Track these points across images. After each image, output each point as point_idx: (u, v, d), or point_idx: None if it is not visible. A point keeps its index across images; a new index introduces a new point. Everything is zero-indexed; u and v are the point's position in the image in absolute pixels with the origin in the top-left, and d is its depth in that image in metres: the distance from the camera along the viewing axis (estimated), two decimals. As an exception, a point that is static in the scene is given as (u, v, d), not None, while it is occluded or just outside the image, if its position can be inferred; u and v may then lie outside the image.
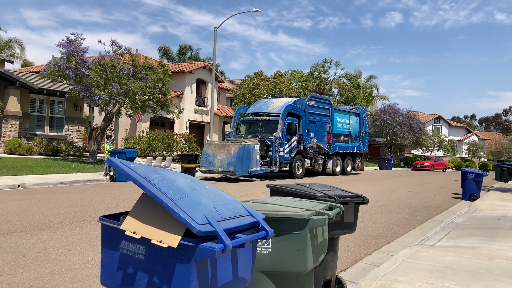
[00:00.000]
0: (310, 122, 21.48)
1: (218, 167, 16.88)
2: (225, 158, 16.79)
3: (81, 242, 6.24)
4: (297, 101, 20.87)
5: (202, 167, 17.25)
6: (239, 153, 16.68)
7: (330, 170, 23.27)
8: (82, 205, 9.56)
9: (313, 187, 4.54)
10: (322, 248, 3.47)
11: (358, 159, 26.88)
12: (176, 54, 51.45)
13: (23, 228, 6.95)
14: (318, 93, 23.35)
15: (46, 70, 18.81)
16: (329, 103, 23.30)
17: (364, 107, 27.93)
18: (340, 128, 24.61)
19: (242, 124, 20.81)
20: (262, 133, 19.54)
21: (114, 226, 2.68)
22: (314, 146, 21.39)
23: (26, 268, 4.95)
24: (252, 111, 21.41)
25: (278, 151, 18.87)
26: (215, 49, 27.17)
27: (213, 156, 17.21)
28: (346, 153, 25.17)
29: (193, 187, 2.79)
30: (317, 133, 22.04)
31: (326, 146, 22.78)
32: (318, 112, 22.27)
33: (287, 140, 19.56)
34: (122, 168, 2.70)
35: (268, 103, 21.30)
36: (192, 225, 2.40)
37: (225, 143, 17.59)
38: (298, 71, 45.24)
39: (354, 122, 26.32)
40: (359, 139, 26.78)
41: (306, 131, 20.96)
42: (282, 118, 19.20)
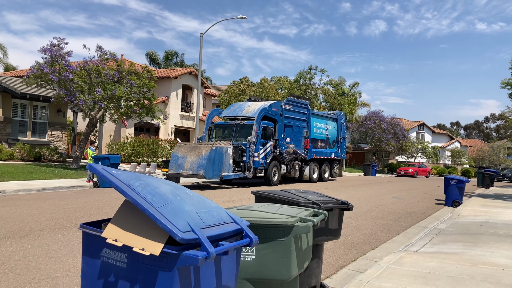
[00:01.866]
0: (287, 127, 20.84)
1: (188, 169, 15.87)
2: (195, 161, 15.86)
3: (62, 250, 6.13)
4: (273, 104, 20.13)
5: (171, 170, 16.27)
6: (210, 155, 15.78)
7: (307, 177, 22.54)
8: (64, 212, 9.40)
9: (298, 194, 4.54)
10: (306, 255, 3.46)
11: (336, 165, 26.23)
12: (162, 60, 51.29)
13: (2, 236, 6.80)
14: (295, 97, 22.66)
15: (29, 75, 18.54)
16: (306, 107, 22.64)
17: (342, 113, 27.30)
18: (318, 134, 24.03)
19: (215, 128, 20.04)
20: (236, 137, 18.74)
21: (95, 233, 2.63)
22: (291, 152, 20.67)
23: (4, 276, 4.83)
24: (227, 115, 20.68)
25: (253, 156, 17.99)
26: (201, 55, 27.17)
27: (182, 159, 16.23)
28: (324, 159, 24.57)
29: (176, 193, 2.76)
30: (294, 138, 21.40)
31: (303, 151, 22.11)
32: (295, 116, 21.65)
33: (262, 145, 18.73)
34: (104, 175, 2.66)
35: (243, 107, 20.59)
36: (175, 233, 2.36)
37: (196, 145, 16.77)
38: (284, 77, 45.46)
39: (331, 127, 25.70)
40: (337, 144, 26.16)
41: (282, 135, 20.24)
42: (257, 122, 18.31)
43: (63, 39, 18.62)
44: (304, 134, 22.27)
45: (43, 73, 18.18)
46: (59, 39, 18.62)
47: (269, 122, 19.43)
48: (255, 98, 22.98)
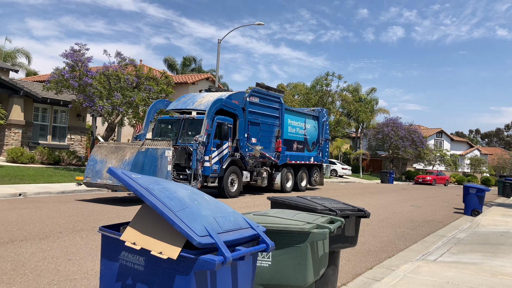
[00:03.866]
0: (252, 124, 16.66)
1: (107, 178, 11.69)
2: (117, 167, 11.55)
3: (80, 252, 6.21)
4: (233, 95, 15.99)
5: (87, 179, 12.08)
6: (137, 160, 11.61)
7: (279, 185, 18.30)
8: (82, 215, 9.54)
9: (314, 200, 4.53)
10: (322, 262, 3.45)
11: (315, 172, 21.65)
12: (180, 66, 51.77)
13: (23, 237, 6.93)
14: (264, 87, 18.02)
15: (50, 80, 18.93)
16: (278, 101, 18.30)
17: (324, 109, 22.96)
18: (293, 134, 19.71)
19: (159, 124, 15.83)
20: (183, 136, 14.71)
21: (114, 236, 2.68)
22: (257, 155, 16.52)
23: (25, 277, 4.93)
24: (174, 107, 16.35)
25: (202, 160, 13.87)
26: (218, 61, 27.34)
27: (101, 164, 12.03)
28: (300, 164, 20.17)
29: (193, 198, 2.79)
30: (261, 139, 17.18)
31: (274, 155, 17.89)
32: (264, 111, 17.37)
33: (216, 146, 14.58)
34: (123, 178, 2.70)
35: (196, 98, 16.27)
36: (192, 237, 2.39)
37: (120, 145, 12.50)
38: (300, 83, 45.46)
39: (311, 126, 21.31)
40: (317, 147, 21.80)
41: (245, 135, 16.17)
42: (209, 117, 14.20)
43: (84, 45, 18.97)
44: (275, 134, 18.14)
45: (64, 78, 18.54)
46: (80, 45, 18.98)
47: (227, 118, 15.29)
48: (216, 89, 18.84)
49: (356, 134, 52.19)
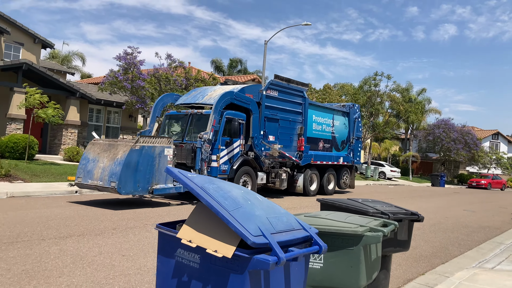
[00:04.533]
0: (270, 120, 15.06)
1: (98, 179, 10.56)
2: (108, 166, 10.54)
3: (133, 248, 6.43)
4: (246, 88, 14.37)
5: (78, 179, 11.00)
6: (130, 159, 10.38)
7: (301, 188, 16.52)
8: (134, 212, 9.88)
9: (365, 203, 4.46)
10: (375, 266, 3.39)
11: (345, 174, 19.50)
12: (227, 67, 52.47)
13: (80, 233, 7.27)
14: (285, 79, 16.40)
15: (104, 82, 19.75)
16: (301, 96, 16.56)
17: (356, 105, 20.67)
18: (319, 131, 17.74)
19: (168, 120, 14.45)
20: (191, 133, 13.31)
21: (171, 234, 2.76)
22: (275, 155, 15.00)
23: (83, 271, 5.16)
24: (183, 102, 14.91)
25: (208, 160, 12.43)
26: (265, 62, 27.44)
27: (93, 163, 10.90)
28: (327, 165, 18.13)
29: (247, 198, 2.83)
30: (280, 136, 15.53)
31: (295, 154, 16.17)
32: (284, 106, 15.69)
33: (225, 144, 13.13)
34: (180, 178, 2.78)
35: (207, 91, 14.71)
36: (247, 236, 2.42)
37: (114, 142, 11.26)
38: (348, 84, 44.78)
39: (340, 123, 19.20)
40: (347, 146, 19.62)
41: (262, 132, 14.60)
42: (216, 112, 12.70)
43: (137, 48, 19.67)
44: (297, 131, 16.38)
45: (117, 80, 19.28)
46: (132, 48, 19.68)
47: (239, 113, 13.79)
48: (233, 82, 17.16)
49: (406, 136, 50.72)
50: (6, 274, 4.83)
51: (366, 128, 37.78)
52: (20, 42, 23.86)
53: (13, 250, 5.85)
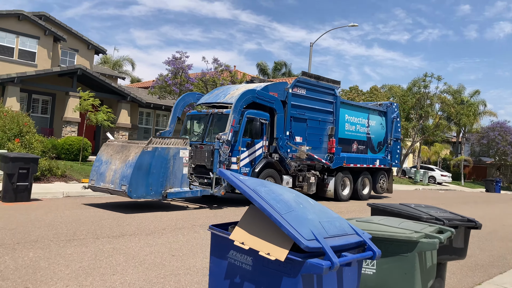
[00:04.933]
0: (297, 120, 14.15)
1: (109, 182, 10.16)
2: (120, 169, 10.11)
3: (183, 249, 6.57)
4: (270, 86, 13.60)
5: (92, 182, 10.64)
6: (142, 161, 9.92)
7: (332, 193, 15.42)
8: (183, 214, 10.09)
9: (418, 208, 4.32)
10: (430, 273, 3.28)
11: (382, 177, 18.12)
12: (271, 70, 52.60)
13: (132, 232, 7.51)
14: (314, 77, 15.28)
15: (154, 86, 20.34)
16: (332, 94, 15.50)
17: (394, 104, 19.09)
18: (352, 132, 16.58)
19: (189, 120, 13.76)
20: (211, 134, 12.54)
21: (223, 235, 2.79)
22: (303, 157, 14.12)
23: (135, 269, 5.32)
24: (205, 101, 14.19)
25: (228, 162, 11.80)
26: (310, 64, 27.28)
27: (106, 165, 10.50)
28: (362, 168, 16.90)
29: (299, 201, 2.82)
30: (309, 137, 14.57)
31: (325, 157, 15.08)
32: (312, 105, 14.71)
33: (246, 146, 12.36)
34: (232, 180, 2.81)
35: (229, 90, 14.00)
36: (300, 240, 2.41)
37: (127, 144, 10.78)
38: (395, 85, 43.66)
39: (377, 123, 17.86)
40: (385, 148, 18.23)
41: (287, 133, 13.70)
42: (236, 111, 11.97)
43: (185, 53, 20.12)
44: (327, 132, 15.33)
45: (167, 84, 19.80)
46: (181, 53, 20.16)
47: (261, 113, 12.98)
48: (260, 80, 16.38)
49: (457, 139, 48.80)
50: (65, 270, 5.06)
51: (415, 131, 36.69)
52: (75, 49, 25.03)
53: (70, 247, 6.13)
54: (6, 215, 8.31)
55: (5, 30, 20.87)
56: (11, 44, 21.22)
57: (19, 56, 21.47)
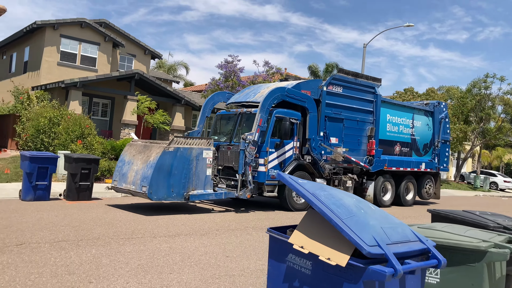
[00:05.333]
0: (332, 120, 13.34)
1: (131, 183, 9.97)
2: (141, 170, 9.89)
3: (236, 250, 6.63)
4: (302, 84, 12.86)
5: (114, 182, 10.52)
6: (163, 162, 9.64)
7: (371, 198, 14.48)
8: (235, 215, 10.19)
9: (484, 216, 4.11)
10: (499, 285, 3.10)
11: (428, 182, 16.99)
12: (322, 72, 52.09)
13: (187, 232, 7.68)
14: (351, 74, 14.31)
15: (207, 90, 20.75)
16: (372, 92, 14.61)
17: (442, 103, 17.87)
18: (395, 133, 15.59)
19: (218, 120, 13.33)
20: (239, 134, 11.87)
21: (282, 238, 2.79)
22: (339, 159, 13.37)
23: (191, 269, 5.43)
24: (234, 100, 13.71)
25: (254, 164, 11.24)
26: (363, 66, 26.75)
27: (128, 165, 10.33)
28: (405, 172, 15.87)
29: (360, 206, 2.76)
30: (345, 139, 13.72)
31: (364, 159, 14.24)
32: (350, 104, 13.85)
33: (275, 147, 11.74)
34: (291, 183, 2.80)
35: (260, 89, 13.41)
36: (362, 246, 2.36)
37: (149, 144, 10.55)
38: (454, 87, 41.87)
39: (422, 124, 16.77)
40: (431, 150, 17.03)
41: (321, 133, 12.92)
42: (263, 110, 11.33)
43: (236, 56, 20.40)
44: (366, 133, 14.43)
45: (219, 88, 20.14)
46: (233, 56, 20.46)
47: (292, 112, 12.29)
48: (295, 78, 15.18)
49: (522, 143, 46.03)
50: (125, 268, 5.26)
51: (475, 135, 35.00)
52: (132, 54, 26.03)
53: (129, 246, 6.36)
54: (70, 213, 8.77)
55: (69, 37, 22.08)
56: (74, 50, 22.41)
57: (81, 62, 22.63)
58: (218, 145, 11.82)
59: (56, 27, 21.43)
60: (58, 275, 4.79)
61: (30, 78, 22.39)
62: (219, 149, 11.83)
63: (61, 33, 21.80)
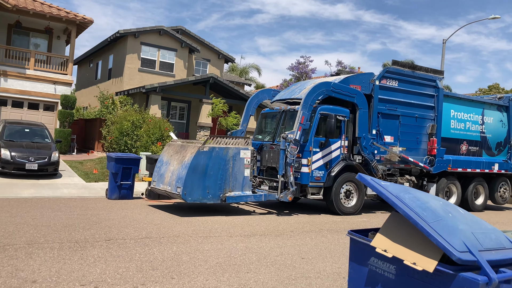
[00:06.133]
0: (386, 117, 12.29)
1: (167, 184, 9.77)
2: (176, 170, 9.65)
3: (312, 252, 6.59)
4: (351, 78, 11.92)
5: (153, 183, 10.37)
6: (197, 162, 9.33)
7: None
8: (309, 217, 10.14)
9: None
10: None
11: (503, 185, 15.20)
12: (398, 70, 50.38)
13: (262, 233, 7.78)
14: (407, 66, 13.17)
15: (279, 91, 20.87)
16: (433, 86, 13.28)
17: None
18: (460, 130, 14.09)
19: (263, 119, 12.74)
20: (282, 132, 11.03)
21: (364, 242, 2.73)
22: (394, 160, 12.33)
23: (267, 269, 5.49)
24: (280, 98, 12.97)
25: (297, 164, 10.60)
26: (443, 62, 25.41)
27: (166, 166, 10.12)
28: (474, 174, 14.31)
29: (447, 210, 2.63)
30: (402, 137, 12.63)
31: (424, 159, 12.95)
32: (406, 99, 12.68)
33: (319, 146, 10.89)
34: (373, 185, 2.74)
35: (306, 84, 12.45)
36: (451, 251, 2.25)
37: (186, 143, 10.28)
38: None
39: (494, 120, 14.97)
40: (506, 150, 15.26)
41: (374, 131, 11.95)
42: (305, 107, 10.60)
43: (308, 57, 20.35)
44: (427, 130, 13.15)
45: (291, 89, 20.18)
46: (304, 57, 20.41)
47: (338, 108, 11.33)
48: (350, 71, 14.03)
49: None
50: (204, 265, 5.44)
51: None
52: (207, 59, 26.87)
53: (207, 244, 6.57)
54: (151, 211, 9.26)
55: (149, 44, 23.31)
56: (153, 57, 23.60)
57: (160, 68, 23.77)
58: (262, 145, 11.44)
59: (137, 35, 22.72)
60: (143, 270, 5.07)
61: (113, 84, 23.93)
62: (262, 149, 11.38)
63: (141, 40, 23.07)
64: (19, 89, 18.49)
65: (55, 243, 6.02)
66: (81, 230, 6.94)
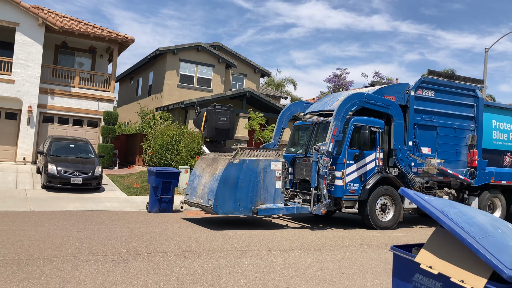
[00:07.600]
0: (423, 128, 12.04)
1: (199, 197, 9.81)
2: (208, 183, 9.71)
3: (352, 267, 6.47)
4: (385, 89, 11.73)
5: (187, 196, 10.42)
6: (228, 174, 9.40)
7: None
8: (346, 231, 9.98)
9: None
10: None
11: None
12: (438, 81, 49.19)
13: (300, 247, 7.71)
14: (444, 75, 12.86)
15: (315, 104, 20.80)
16: (472, 96, 12.88)
17: None
18: (503, 141, 13.62)
19: (296, 131, 12.62)
20: (315, 145, 10.87)
21: (408, 257, 2.67)
22: (433, 172, 11.98)
23: (307, 284, 5.43)
24: (312, 110, 12.73)
25: (331, 177, 10.44)
26: (486, 71, 24.62)
27: (198, 179, 10.20)
28: None
29: (496, 226, 2.54)
30: (440, 148, 12.26)
31: (464, 172, 12.51)
32: (444, 110, 12.34)
33: (353, 158, 10.70)
34: (416, 200, 2.69)
35: (339, 96, 12.15)
36: (501, 269, 2.16)
37: (217, 156, 10.30)
38: None
39: None
40: None
41: (410, 143, 11.71)
42: (338, 118, 10.49)
43: (345, 69, 20.20)
44: (466, 141, 12.78)
45: (328, 101, 20.06)
46: (341, 69, 20.28)
47: (372, 120, 11.17)
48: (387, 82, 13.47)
49: None
50: (243, 279, 5.44)
51: None
52: (243, 73, 27.17)
53: (246, 258, 6.58)
54: (191, 225, 9.38)
55: (187, 61, 23.86)
56: (192, 73, 24.12)
57: (198, 83, 24.25)
58: (294, 157, 11.37)
59: (176, 52, 23.31)
60: (184, 283, 5.13)
61: (153, 100, 24.58)
62: (295, 161, 11.33)
63: (180, 57, 23.64)
64: (65, 106, 19.31)
65: (99, 255, 6.20)
66: (124, 243, 7.11)
